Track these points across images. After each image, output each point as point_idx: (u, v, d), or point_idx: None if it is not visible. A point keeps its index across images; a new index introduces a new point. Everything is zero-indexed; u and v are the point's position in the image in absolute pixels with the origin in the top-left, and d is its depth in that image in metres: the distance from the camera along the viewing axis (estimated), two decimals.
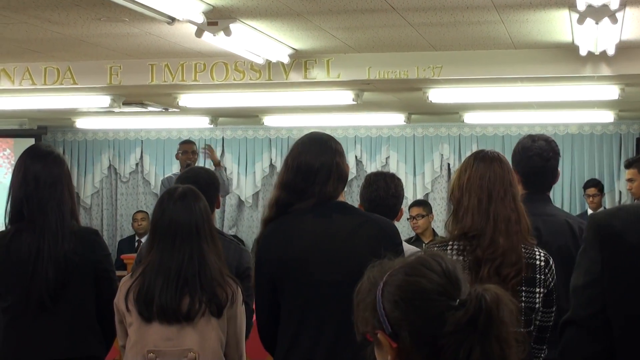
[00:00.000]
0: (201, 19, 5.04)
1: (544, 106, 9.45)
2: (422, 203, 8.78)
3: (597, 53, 6.15)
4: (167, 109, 9.79)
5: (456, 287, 1.78)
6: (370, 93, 8.24)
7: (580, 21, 4.82)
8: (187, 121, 11.31)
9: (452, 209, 3.59)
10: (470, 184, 3.51)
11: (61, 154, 4.09)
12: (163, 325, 3.59)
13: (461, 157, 11.60)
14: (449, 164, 11.75)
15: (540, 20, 5.51)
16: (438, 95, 7.96)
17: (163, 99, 8.94)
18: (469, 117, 10.46)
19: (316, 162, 3.49)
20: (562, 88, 7.69)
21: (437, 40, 6.25)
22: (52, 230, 3.83)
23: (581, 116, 10.42)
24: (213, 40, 5.45)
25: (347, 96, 8.06)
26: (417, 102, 8.84)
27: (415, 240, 8.16)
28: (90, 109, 9.53)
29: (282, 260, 3.47)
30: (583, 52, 6.12)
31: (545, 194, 4.30)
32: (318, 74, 6.97)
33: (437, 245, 3.54)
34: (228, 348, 3.74)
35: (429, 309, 1.75)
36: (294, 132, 11.95)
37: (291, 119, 11.02)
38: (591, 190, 9.80)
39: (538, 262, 3.46)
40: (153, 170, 12.41)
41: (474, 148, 11.41)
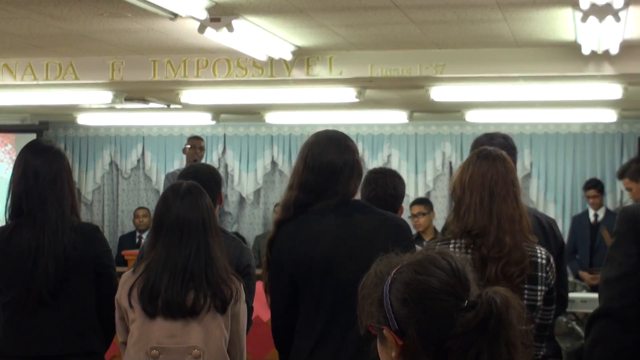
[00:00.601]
0: (204, 15, 5.04)
1: (546, 105, 9.43)
2: (424, 201, 8.78)
3: (600, 52, 6.14)
4: (169, 105, 9.79)
5: (465, 287, 1.77)
6: (372, 90, 8.23)
7: (583, 20, 4.82)
8: (189, 118, 11.30)
9: (454, 206, 3.59)
10: (472, 182, 3.50)
11: (62, 149, 4.07)
12: (167, 321, 3.58)
13: (463, 156, 11.60)
14: (451, 162, 11.75)
15: (543, 18, 5.51)
16: (440, 93, 7.95)
17: (165, 95, 8.94)
18: (471, 116, 10.45)
19: (339, 161, 3.47)
20: (565, 87, 7.68)
21: (440, 38, 6.25)
22: (52, 225, 3.82)
23: (583, 115, 10.40)
24: (216, 36, 5.44)
25: (350, 93, 8.05)
26: (420, 100, 8.84)
27: (416, 238, 8.15)
28: (92, 105, 9.53)
29: (306, 260, 3.43)
30: (586, 51, 6.11)
31: None
32: (320, 71, 6.96)
33: (440, 242, 3.54)
34: (230, 345, 3.74)
35: (438, 309, 1.74)
36: (296, 130, 11.96)
37: (293, 116, 11.01)
38: (591, 192, 9.77)
39: (540, 260, 3.47)
40: (154, 166, 12.41)
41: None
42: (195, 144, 9.12)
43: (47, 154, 3.92)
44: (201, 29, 5.27)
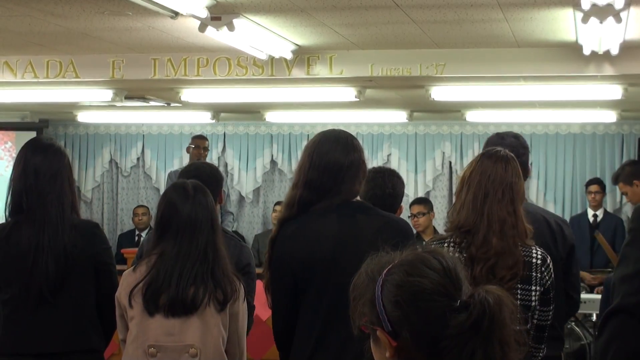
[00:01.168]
0: (205, 14, 5.04)
1: (547, 105, 9.44)
2: (423, 201, 8.77)
3: (601, 52, 6.14)
4: (169, 104, 9.78)
5: (457, 287, 1.77)
6: (372, 90, 8.23)
7: (584, 20, 4.82)
8: (189, 116, 11.30)
9: (454, 202, 3.60)
10: (471, 180, 3.51)
11: (62, 147, 4.07)
12: (166, 319, 3.58)
13: (463, 156, 11.61)
14: (451, 162, 11.74)
15: (544, 19, 5.51)
16: (441, 93, 7.95)
17: (165, 94, 8.94)
18: (471, 116, 10.45)
19: (346, 161, 3.46)
20: (565, 87, 7.68)
21: (441, 38, 6.25)
22: (52, 223, 3.82)
23: (583, 116, 10.40)
24: (216, 35, 5.44)
25: (350, 93, 8.05)
26: (420, 100, 8.84)
27: (416, 238, 8.16)
28: (92, 103, 9.52)
29: (308, 261, 3.42)
30: (587, 52, 6.11)
31: None
32: (321, 70, 6.96)
33: (436, 241, 3.55)
34: (229, 344, 3.74)
35: (430, 310, 1.74)
36: (296, 129, 11.95)
37: (293, 115, 11.01)
38: (593, 187, 9.82)
39: (534, 260, 3.46)
40: (154, 165, 12.40)
41: (476, 146, 11.42)
42: (199, 144, 9.09)
43: (48, 152, 3.92)
44: (202, 28, 5.27)
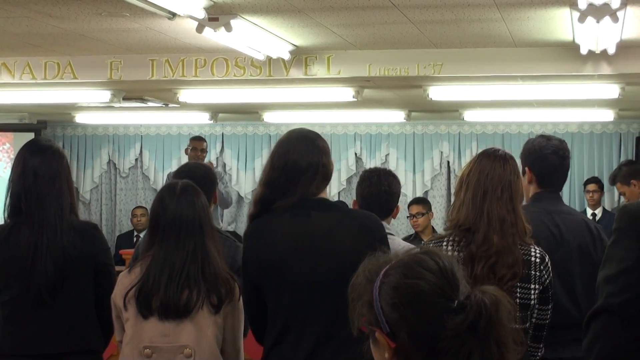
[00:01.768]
0: (202, 15, 5.04)
1: (544, 104, 9.45)
2: (422, 201, 8.79)
3: (598, 52, 6.15)
4: (167, 105, 9.79)
5: (454, 287, 1.77)
6: (370, 90, 8.24)
7: (581, 20, 4.82)
8: (187, 117, 11.30)
9: (453, 200, 3.61)
10: (470, 178, 3.52)
11: (61, 148, 4.07)
12: (161, 320, 3.58)
13: (461, 155, 11.62)
14: (449, 162, 11.76)
15: (541, 18, 5.51)
16: (438, 92, 7.96)
17: (163, 95, 8.94)
18: (469, 115, 10.46)
19: (303, 162, 3.43)
20: (563, 86, 7.69)
21: (438, 37, 6.25)
22: (51, 224, 3.82)
23: (581, 115, 10.41)
24: (214, 35, 5.45)
25: (348, 93, 8.06)
26: (417, 100, 8.85)
27: (414, 238, 8.17)
28: (90, 104, 9.52)
29: (263, 261, 3.43)
30: (584, 51, 6.12)
31: (557, 193, 4.28)
32: (318, 71, 6.97)
33: (435, 241, 3.55)
34: (225, 345, 3.73)
35: (428, 312, 1.74)
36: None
37: (291, 116, 11.01)
38: (592, 186, 9.83)
39: (533, 259, 3.47)
40: (152, 165, 12.41)
41: (474, 146, 11.44)
42: (196, 146, 9.09)
43: (46, 153, 3.93)
44: (199, 29, 5.27)
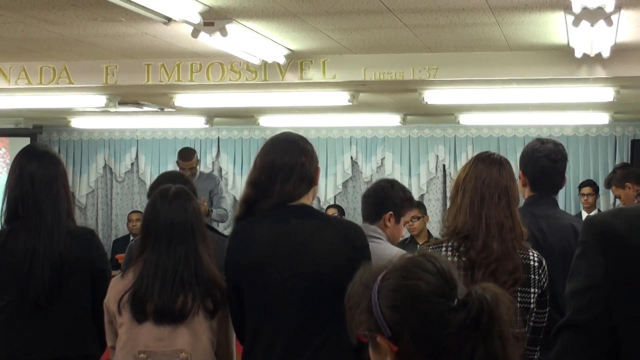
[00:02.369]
0: (197, 20, 5.05)
1: (540, 108, 9.45)
2: (418, 205, 8.78)
3: (593, 55, 6.16)
4: (163, 109, 9.79)
5: (453, 287, 1.79)
6: (365, 94, 8.24)
7: (575, 23, 4.83)
8: (183, 121, 11.30)
9: (449, 206, 3.60)
10: (465, 183, 3.52)
11: (57, 154, 4.08)
12: (156, 325, 3.58)
13: (456, 159, 11.64)
14: (444, 165, 11.77)
15: (535, 22, 5.52)
16: (433, 96, 7.97)
17: (159, 99, 8.94)
18: (465, 119, 10.47)
19: (279, 161, 3.46)
20: (558, 90, 7.70)
21: (433, 41, 6.26)
22: (48, 229, 3.83)
23: (576, 118, 10.43)
24: (209, 40, 5.45)
25: (343, 97, 8.07)
26: (413, 104, 8.85)
27: (410, 241, 8.17)
28: (86, 109, 9.52)
29: (241, 265, 3.47)
30: (578, 54, 6.13)
31: (551, 197, 4.27)
32: (314, 75, 6.97)
33: (433, 246, 3.55)
34: (219, 348, 3.73)
35: (429, 312, 1.75)
36: None
37: (287, 120, 11.01)
38: (586, 189, 9.83)
39: (532, 263, 3.48)
40: (148, 170, 12.40)
41: (469, 149, 11.45)
42: (184, 167, 8.92)
43: (43, 159, 3.93)
44: (195, 33, 5.28)
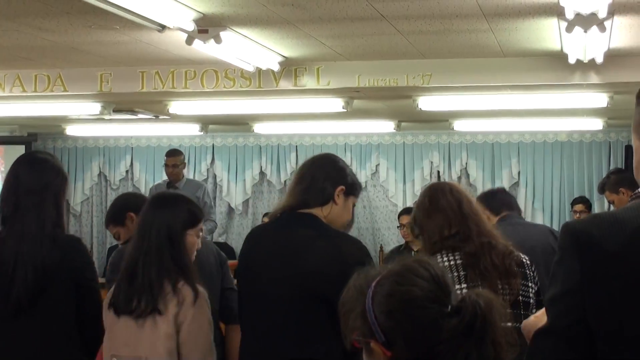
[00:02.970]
0: (191, 27, 5.05)
1: (533, 114, 9.47)
2: (412, 211, 8.77)
3: (586, 61, 6.17)
4: (158, 116, 9.79)
5: (446, 293, 1.79)
6: (360, 101, 8.25)
7: (568, 29, 4.84)
8: (178, 128, 11.30)
9: (418, 233, 3.69)
10: (433, 204, 3.65)
11: (58, 163, 4.00)
12: (123, 330, 3.61)
13: (451, 165, 11.66)
14: (439, 172, 11.78)
15: (529, 28, 5.54)
16: (428, 103, 7.98)
17: (153, 106, 8.94)
18: (459, 125, 10.48)
19: (299, 174, 3.61)
20: (551, 96, 7.71)
21: (427, 48, 6.27)
22: (32, 235, 3.78)
23: (570, 124, 10.45)
24: (203, 47, 5.46)
25: (337, 104, 8.08)
26: (407, 110, 8.86)
27: (404, 248, 8.16)
28: (80, 116, 9.52)
29: (243, 268, 3.62)
30: (572, 60, 6.14)
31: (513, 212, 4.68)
32: (308, 82, 6.98)
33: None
34: (185, 349, 3.58)
35: (423, 317, 1.76)
36: (284, 140, 11.97)
37: (281, 127, 11.03)
38: (579, 206, 9.69)
39: (524, 260, 3.59)
40: (143, 177, 12.40)
41: (464, 155, 11.48)
42: (168, 162, 9.08)
43: (36, 166, 3.89)
44: (189, 41, 5.28)
